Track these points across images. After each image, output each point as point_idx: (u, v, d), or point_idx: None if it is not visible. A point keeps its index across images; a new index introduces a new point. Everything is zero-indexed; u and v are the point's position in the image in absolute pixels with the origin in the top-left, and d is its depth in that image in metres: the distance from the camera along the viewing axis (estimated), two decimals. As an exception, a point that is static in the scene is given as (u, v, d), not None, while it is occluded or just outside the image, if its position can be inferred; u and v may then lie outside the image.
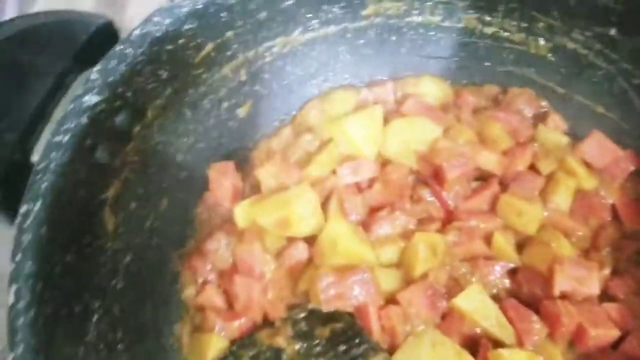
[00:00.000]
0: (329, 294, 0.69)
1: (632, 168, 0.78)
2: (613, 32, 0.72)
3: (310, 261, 0.75)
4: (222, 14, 0.70)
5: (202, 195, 0.80)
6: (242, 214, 0.76)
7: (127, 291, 0.67)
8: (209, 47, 0.72)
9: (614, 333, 0.67)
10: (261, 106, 0.84)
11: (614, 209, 0.77)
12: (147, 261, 0.72)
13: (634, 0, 0.67)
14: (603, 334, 0.67)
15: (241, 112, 0.83)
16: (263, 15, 0.75)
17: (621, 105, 0.77)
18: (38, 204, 0.54)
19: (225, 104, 0.80)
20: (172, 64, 0.68)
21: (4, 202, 0.60)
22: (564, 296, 0.70)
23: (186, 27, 0.67)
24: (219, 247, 0.76)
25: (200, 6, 0.67)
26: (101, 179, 0.63)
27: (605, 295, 0.71)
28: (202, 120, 0.77)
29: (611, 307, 0.69)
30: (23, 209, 0.54)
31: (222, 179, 0.79)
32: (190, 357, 0.74)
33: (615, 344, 0.68)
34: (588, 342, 0.67)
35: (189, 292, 0.77)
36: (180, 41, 0.67)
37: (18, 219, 0.54)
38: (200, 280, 0.77)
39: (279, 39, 0.80)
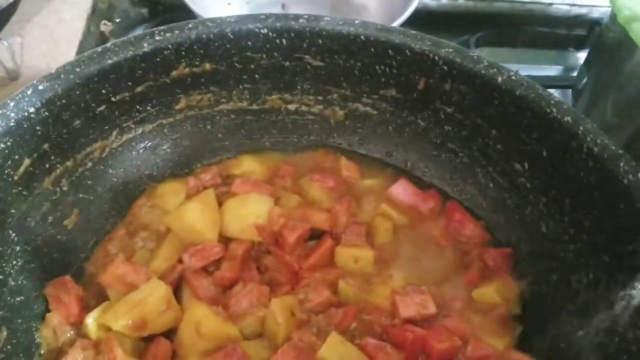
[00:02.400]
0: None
1: (433, 204, 0.91)
2: (393, 92, 0.86)
3: (175, 355, 0.73)
4: (37, 128, 0.69)
5: (44, 317, 0.74)
6: (93, 324, 0.72)
7: None
8: (27, 162, 0.70)
9: (457, 343, 0.77)
10: (89, 213, 0.82)
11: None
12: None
13: (403, 66, 0.82)
14: (448, 346, 0.76)
15: (69, 223, 0.80)
16: (77, 123, 0.75)
17: (414, 152, 0.91)
18: None
19: (50, 219, 0.77)
20: (-9, 186, 0.65)
21: None
22: (409, 321, 0.78)
23: (2, 145, 0.65)
24: (76, 365, 0.71)
25: (13, 124, 0.66)
26: None
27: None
28: (28, 239, 0.73)
29: (448, 322, 0.79)
30: None
31: (62, 295, 0.74)
32: None
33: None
34: (437, 356, 0.76)
35: None
36: (-2, 162, 0.65)
37: None
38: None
39: (97, 144, 0.80)
